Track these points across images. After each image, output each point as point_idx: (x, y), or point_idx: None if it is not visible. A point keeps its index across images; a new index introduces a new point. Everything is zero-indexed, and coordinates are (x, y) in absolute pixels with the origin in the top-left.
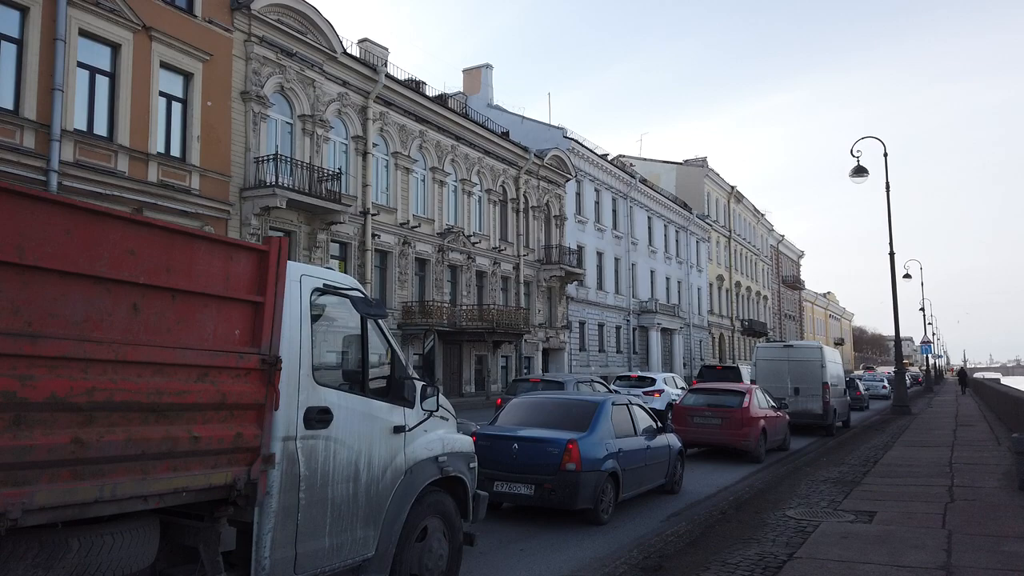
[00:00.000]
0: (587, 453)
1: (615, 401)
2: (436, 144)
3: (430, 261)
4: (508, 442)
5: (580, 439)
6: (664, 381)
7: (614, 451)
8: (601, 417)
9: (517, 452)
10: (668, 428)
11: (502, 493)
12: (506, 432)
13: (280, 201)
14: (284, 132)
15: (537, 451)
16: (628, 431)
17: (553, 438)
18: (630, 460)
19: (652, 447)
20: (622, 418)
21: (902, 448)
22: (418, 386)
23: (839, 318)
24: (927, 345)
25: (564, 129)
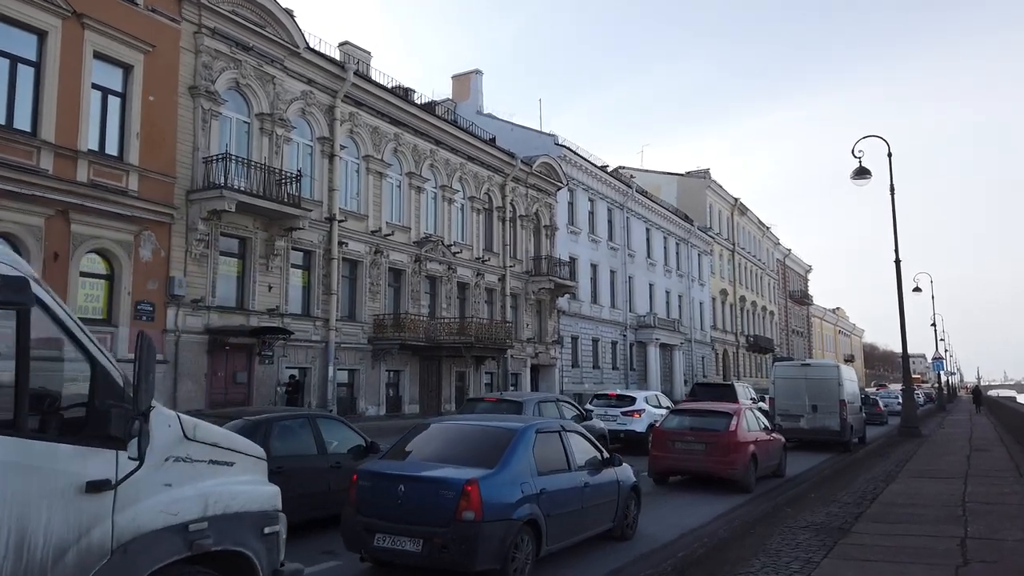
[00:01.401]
0: (492, 497)
1: (541, 428)
2: (413, 148)
3: (406, 272)
4: (393, 482)
5: (483, 478)
6: (646, 400)
7: (534, 492)
8: (517, 449)
9: (403, 496)
10: (616, 460)
11: (383, 549)
12: (391, 470)
13: (228, 204)
14: (240, 131)
15: (427, 494)
16: (559, 465)
17: (447, 478)
18: (560, 503)
19: (593, 484)
20: (551, 449)
21: (907, 480)
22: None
23: (849, 334)
24: (939, 361)
25: (555, 136)
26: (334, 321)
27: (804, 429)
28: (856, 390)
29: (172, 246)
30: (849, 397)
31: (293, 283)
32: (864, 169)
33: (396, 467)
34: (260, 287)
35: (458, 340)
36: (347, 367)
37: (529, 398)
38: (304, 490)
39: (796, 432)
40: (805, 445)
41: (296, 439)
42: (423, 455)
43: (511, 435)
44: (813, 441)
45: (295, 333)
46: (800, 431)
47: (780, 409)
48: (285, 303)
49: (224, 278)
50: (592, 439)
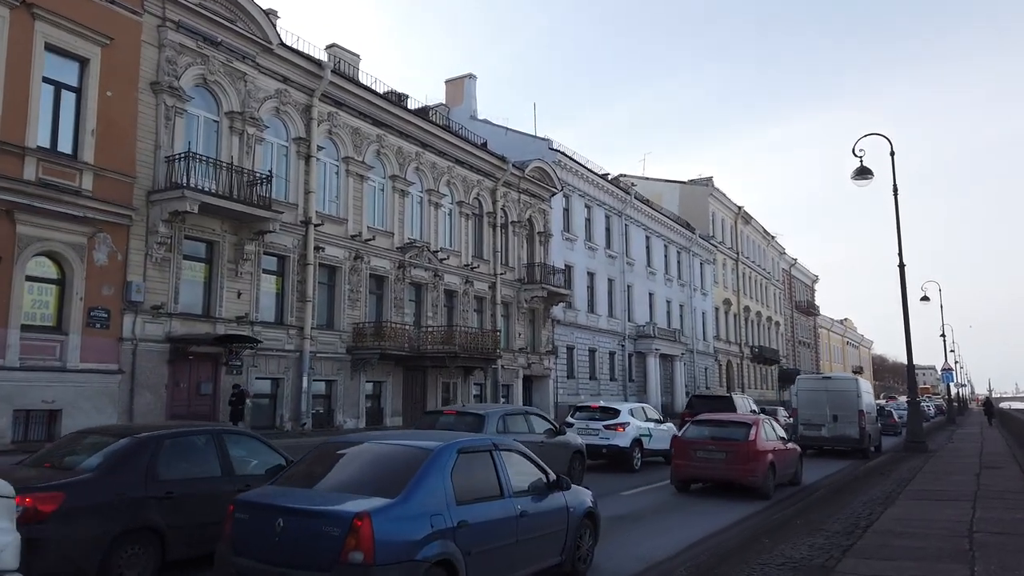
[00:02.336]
0: (390, 533)
1: (465, 447)
2: (397, 150)
3: (389, 278)
4: (271, 515)
5: (377, 511)
6: (631, 413)
7: (449, 526)
8: (429, 474)
9: (281, 532)
10: (564, 483)
11: None
12: (271, 500)
13: (190, 205)
14: (208, 130)
15: (309, 531)
16: (488, 491)
17: (332, 511)
18: (486, 537)
19: (534, 513)
20: (478, 473)
21: (908, 503)
22: None
23: (857, 345)
24: (948, 372)
25: (550, 140)
26: (309, 329)
27: (825, 437)
28: (872, 401)
29: (130, 249)
30: (867, 408)
31: (265, 289)
32: (865, 169)
33: (278, 496)
34: (228, 293)
35: (442, 350)
36: (324, 378)
37: (493, 411)
38: (202, 519)
39: (818, 440)
40: (825, 453)
41: (194, 460)
42: (318, 482)
43: (423, 457)
44: (833, 449)
45: (263, 342)
46: (822, 439)
47: (803, 419)
48: (256, 310)
49: (188, 284)
50: (536, 459)
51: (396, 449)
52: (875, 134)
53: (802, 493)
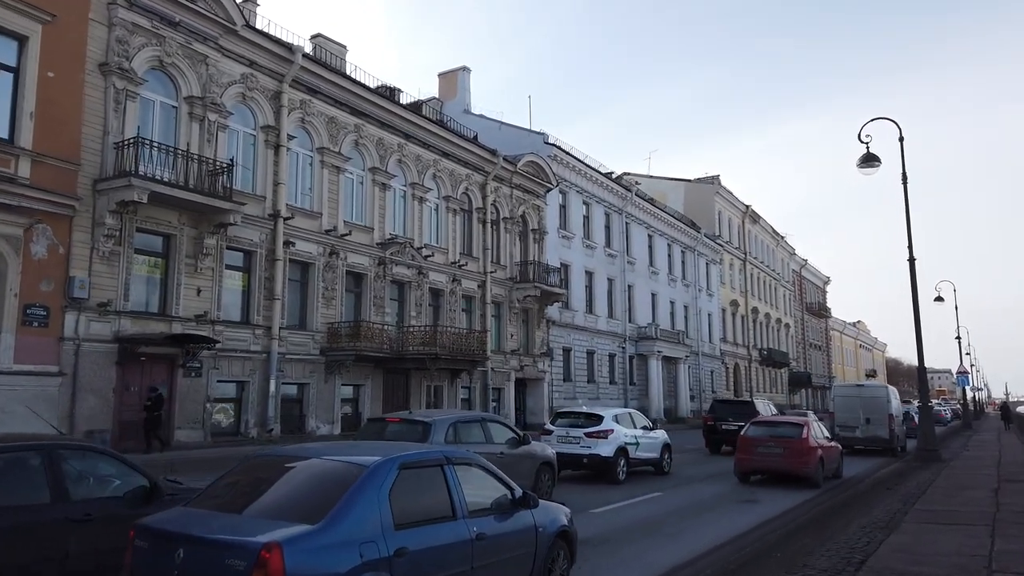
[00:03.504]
0: (304, 567)
1: (407, 462)
2: (378, 141)
3: (367, 276)
4: (172, 544)
5: (291, 541)
6: (615, 419)
7: (383, 555)
8: (361, 495)
9: (180, 565)
10: (532, 501)
11: None
12: (172, 526)
13: (138, 194)
14: (166, 116)
15: (211, 563)
16: (437, 512)
17: (238, 542)
18: (432, 565)
19: (492, 535)
20: (424, 491)
21: (914, 528)
22: None
23: (871, 348)
24: (963, 376)
25: (545, 135)
26: (278, 329)
27: (859, 438)
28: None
29: (74, 242)
30: (895, 412)
31: (229, 286)
32: (872, 156)
33: (181, 522)
34: (187, 290)
35: (422, 351)
36: (295, 381)
37: (442, 418)
38: (17, 557)
39: (852, 440)
40: (858, 452)
41: (11, 482)
42: (236, 503)
43: (356, 474)
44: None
45: (225, 343)
46: (856, 439)
47: (839, 421)
48: (217, 308)
49: (141, 280)
50: (499, 473)
51: (328, 465)
52: (883, 118)
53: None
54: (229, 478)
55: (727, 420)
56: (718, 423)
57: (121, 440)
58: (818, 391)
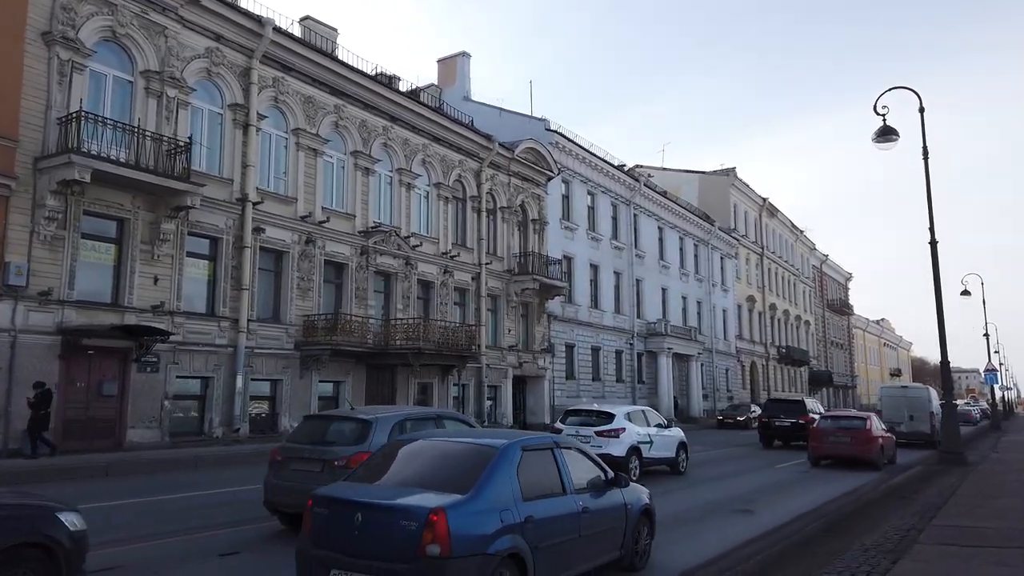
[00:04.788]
0: (463, 528)
1: (528, 445)
2: (360, 124)
3: (349, 265)
4: (351, 510)
5: (452, 507)
6: (628, 417)
7: (517, 521)
8: (497, 471)
9: (360, 526)
10: (623, 481)
11: None
12: (348, 495)
13: (79, 173)
14: (120, 91)
15: (387, 525)
16: (552, 488)
17: (409, 506)
18: (551, 532)
19: (594, 509)
20: (541, 470)
21: (930, 551)
22: None
23: (895, 347)
24: (992, 374)
25: (546, 121)
26: (246, 322)
27: (904, 432)
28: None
29: (10, 224)
30: (936, 410)
31: (191, 275)
32: (889, 129)
33: (354, 492)
34: (142, 279)
35: (405, 346)
36: (266, 377)
37: (387, 415)
38: None
39: (897, 435)
40: (902, 445)
41: None
42: (389, 478)
43: (491, 454)
44: (909, 442)
45: (184, 335)
46: (901, 434)
47: (886, 418)
48: (177, 299)
49: (89, 267)
50: (594, 457)
51: (464, 447)
52: (900, 87)
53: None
54: (377, 458)
55: (779, 417)
56: (771, 420)
57: (65, 440)
58: (839, 390)
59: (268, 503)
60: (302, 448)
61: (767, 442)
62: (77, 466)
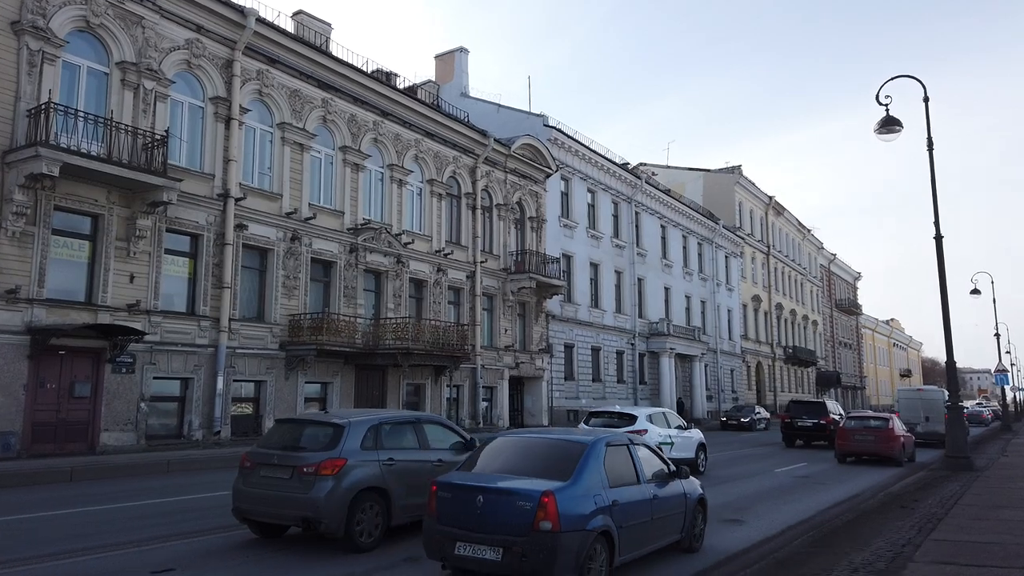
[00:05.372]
0: (568, 508)
1: (610, 441)
2: (350, 118)
3: (337, 264)
4: (472, 494)
5: (559, 490)
6: (649, 419)
7: (606, 504)
8: (590, 462)
9: (482, 507)
10: (683, 473)
11: (464, 557)
12: (470, 482)
13: (48, 166)
14: (97, 84)
15: (505, 505)
16: (629, 478)
17: (524, 489)
18: (630, 515)
19: (661, 497)
20: (620, 462)
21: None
22: None
23: (905, 347)
24: (1002, 374)
25: (545, 117)
26: (227, 321)
27: (920, 432)
28: None
29: None
30: None
31: (170, 273)
32: (892, 119)
33: (473, 478)
34: (118, 277)
35: (393, 346)
36: (250, 378)
37: (360, 419)
38: None
39: (914, 435)
40: (919, 444)
41: None
42: (496, 467)
43: (583, 448)
44: (925, 442)
45: (160, 335)
46: (917, 435)
47: (903, 419)
48: (155, 297)
49: (61, 264)
50: (659, 452)
51: (559, 442)
52: (904, 76)
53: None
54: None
55: (801, 418)
56: (794, 420)
57: (33, 443)
58: (848, 391)
59: (236, 511)
60: (272, 454)
61: (789, 441)
62: (41, 471)
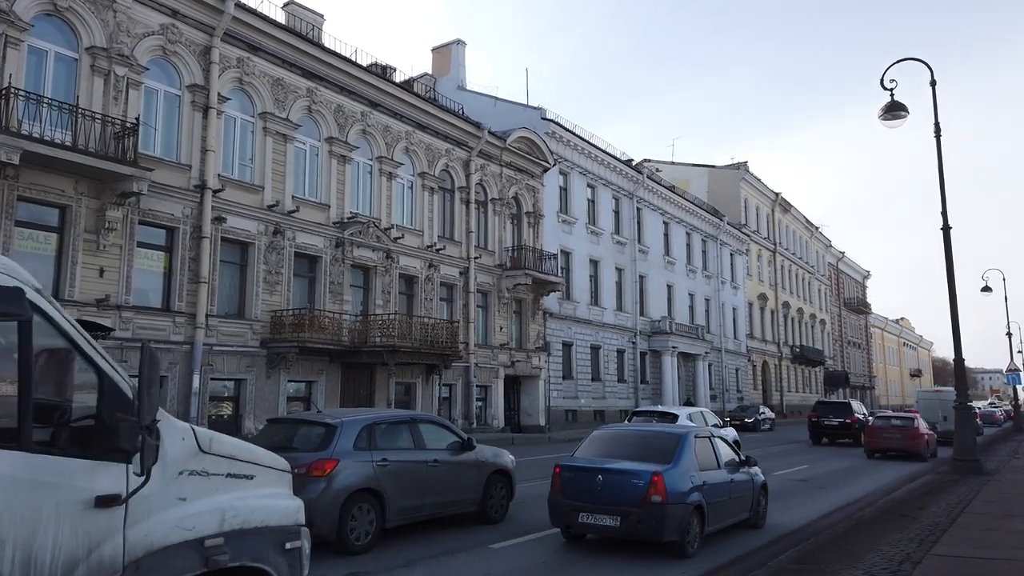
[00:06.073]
0: (672, 485)
1: (698, 433)
2: (336, 109)
3: (322, 258)
4: (592, 474)
5: (665, 471)
6: (689, 417)
7: (699, 484)
8: (685, 449)
9: (602, 484)
10: (751, 462)
11: (587, 524)
12: (590, 464)
13: (7, 154)
14: (65, 70)
15: (622, 483)
16: (711, 464)
17: (638, 470)
18: (714, 493)
19: (735, 481)
20: (705, 451)
21: None
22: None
23: (915, 347)
24: (1014, 373)
25: (543, 110)
26: (204, 317)
27: (939, 432)
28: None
29: None
30: None
31: (143, 267)
32: (897, 104)
33: (591, 462)
34: (86, 271)
35: (380, 344)
36: (228, 376)
37: (353, 419)
38: None
39: None
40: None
41: None
42: (599, 453)
43: (679, 438)
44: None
45: (131, 331)
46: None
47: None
48: (126, 292)
49: (25, 257)
50: (732, 444)
51: (658, 432)
52: (910, 59)
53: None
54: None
55: (828, 417)
56: (821, 419)
57: None
58: (857, 391)
59: None
60: None
61: (815, 439)
62: None
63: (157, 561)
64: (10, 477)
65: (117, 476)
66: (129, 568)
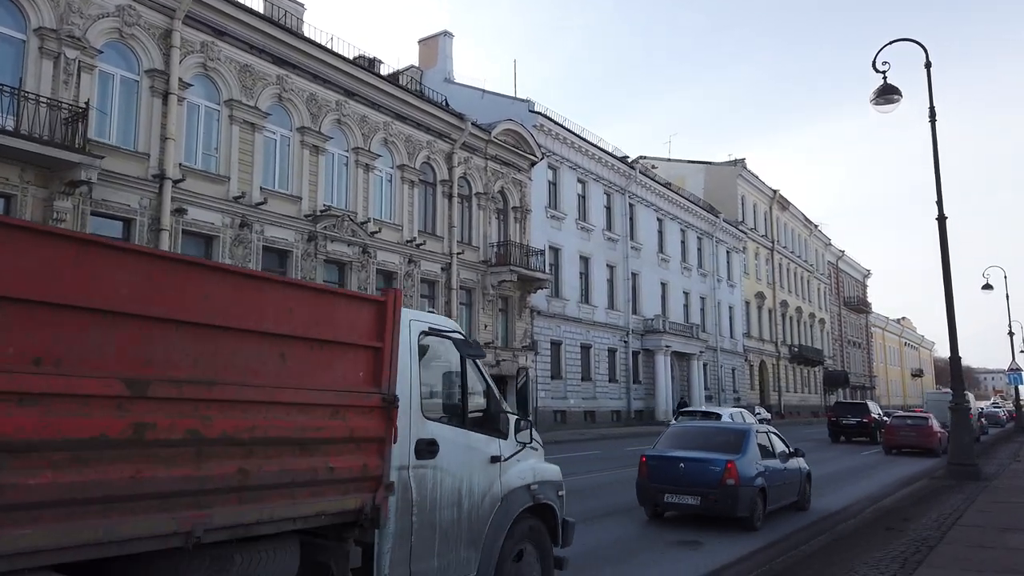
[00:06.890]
0: (743, 471)
1: (758, 429)
2: (309, 97)
3: (294, 253)
4: (675, 462)
5: (736, 459)
6: (731, 417)
7: (762, 470)
8: (750, 442)
9: (683, 470)
10: (799, 452)
11: (671, 503)
12: (672, 453)
13: None
14: (12, 52)
15: (701, 469)
16: (769, 454)
17: (714, 458)
18: (773, 479)
19: (788, 469)
20: (763, 442)
21: None
22: (511, 419)
23: (917, 347)
24: (1016, 373)
25: (530, 102)
26: None
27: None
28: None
29: None
30: (973, 411)
31: None
32: (890, 87)
33: (672, 452)
34: None
35: None
36: None
37: None
38: None
39: None
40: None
41: None
42: (684, 445)
43: (745, 432)
44: None
45: None
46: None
47: None
48: None
49: None
50: (783, 438)
51: (726, 428)
52: (904, 39)
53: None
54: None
55: (846, 417)
56: (839, 419)
57: None
58: (857, 391)
59: None
60: None
61: (834, 437)
62: None
63: (513, 496)
64: (460, 444)
65: (497, 446)
66: (503, 500)
